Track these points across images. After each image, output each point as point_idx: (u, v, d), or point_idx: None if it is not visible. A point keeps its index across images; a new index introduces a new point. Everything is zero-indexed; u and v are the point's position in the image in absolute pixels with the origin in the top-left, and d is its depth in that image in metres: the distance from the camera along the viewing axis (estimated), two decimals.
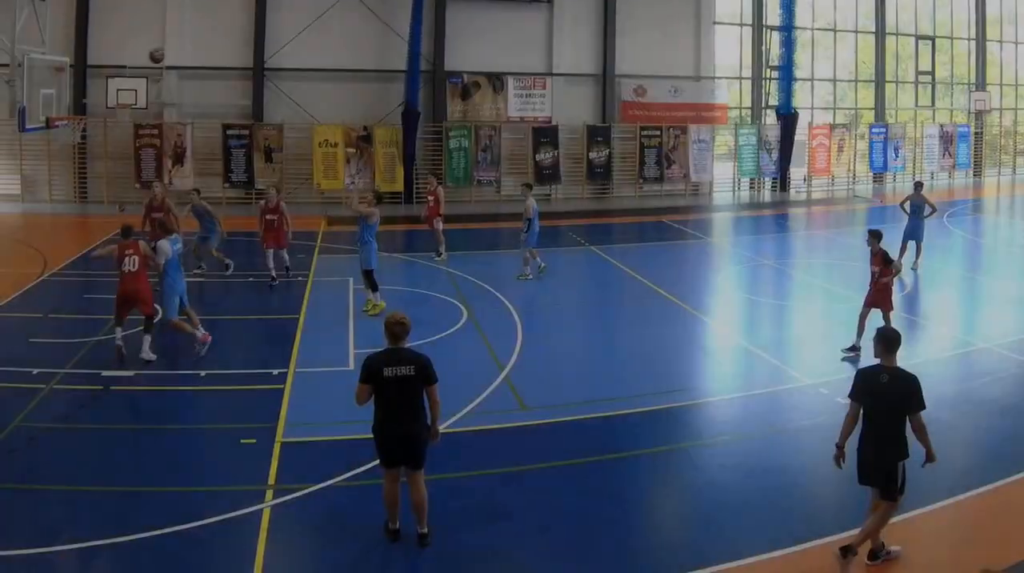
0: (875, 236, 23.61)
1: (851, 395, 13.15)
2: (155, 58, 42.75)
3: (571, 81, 55.54)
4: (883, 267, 23.12)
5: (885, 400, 12.64)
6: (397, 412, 13.16)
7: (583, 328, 27.43)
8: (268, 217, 30.70)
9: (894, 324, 25.17)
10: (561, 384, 21.27)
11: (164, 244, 22.98)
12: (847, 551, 12.58)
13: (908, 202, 34.40)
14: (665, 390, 20.57)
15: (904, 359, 13.33)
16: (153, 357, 22.16)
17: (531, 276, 32.23)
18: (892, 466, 12.66)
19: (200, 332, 23.12)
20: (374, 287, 26.97)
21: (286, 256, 31.39)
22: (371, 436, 13.42)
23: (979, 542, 13.76)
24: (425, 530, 13.53)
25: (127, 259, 22.40)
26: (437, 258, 35.75)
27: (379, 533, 13.73)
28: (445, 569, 13.18)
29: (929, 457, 12.77)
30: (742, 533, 13.91)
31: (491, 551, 13.58)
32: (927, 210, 33.92)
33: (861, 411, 12.90)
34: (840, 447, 13.19)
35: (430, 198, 36.86)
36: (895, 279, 23.62)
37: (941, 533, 14.06)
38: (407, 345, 13.44)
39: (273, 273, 30.52)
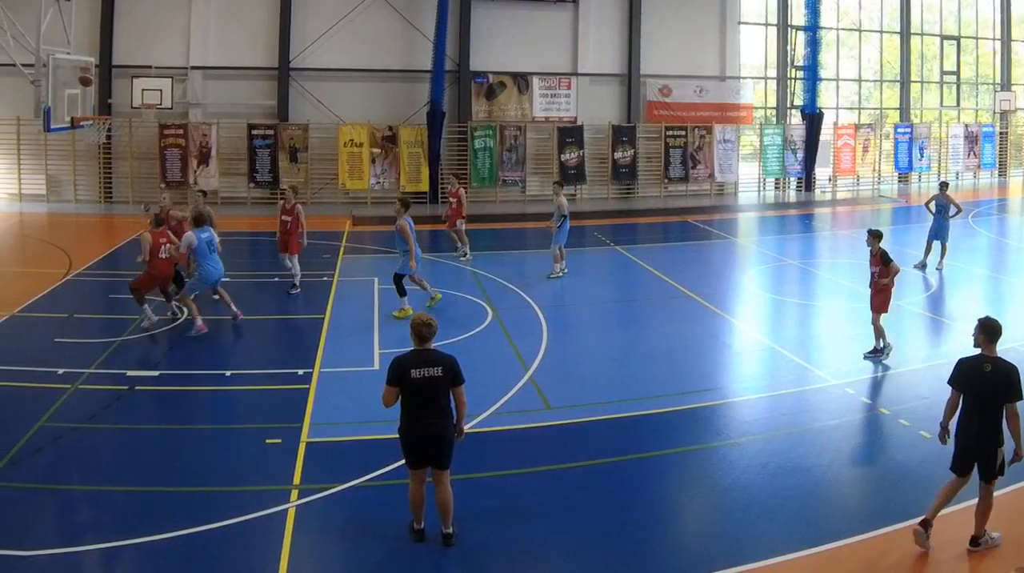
0: (875, 236, 23.07)
1: (952, 383, 13.52)
2: (84, 80, 42.04)
3: (596, 81, 55.03)
4: (882, 267, 22.64)
5: (988, 389, 12.97)
6: (425, 413, 13.08)
7: (608, 328, 27.15)
8: (283, 218, 29.58)
9: (914, 322, 25.34)
10: (586, 384, 21.05)
11: (189, 234, 24.20)
12: (975, 541, 13.32)
13: (933, 202, 34.23)
14: (690, 390, 20.51)
15: (931, 358, 13.30)
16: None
17: (561, 275, 32.01)
18: (992, 452, 12.97)
19: (199, 321, 24.27)
20: (401, 292, 26.45)
21: (294, 263, 29.59)
22: (396, 436, 13.35)
23: (1015, 539, 13.63)
24: (450, 530, 13.47)
25: (163, 247, 24.72)
26: (462, 258, 35.43)
27: (404, 533, 13.68)
28: (469, 569, 13.20)
29: (1018, 454, 12.94)
30: (768, 533, 13.90)
31: (515, 551, 13.53)
32: (952, 210, 33.72)
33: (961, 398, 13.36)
34: (944, 426, 13.68)
35: (452, 200, 36.56)
36: (895, 279, 22.95)
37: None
38: (433, 346, 13.37)
39: (295, 279, 29.72)
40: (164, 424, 18.69)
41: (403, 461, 13.53)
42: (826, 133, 59.43)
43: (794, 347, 24.14)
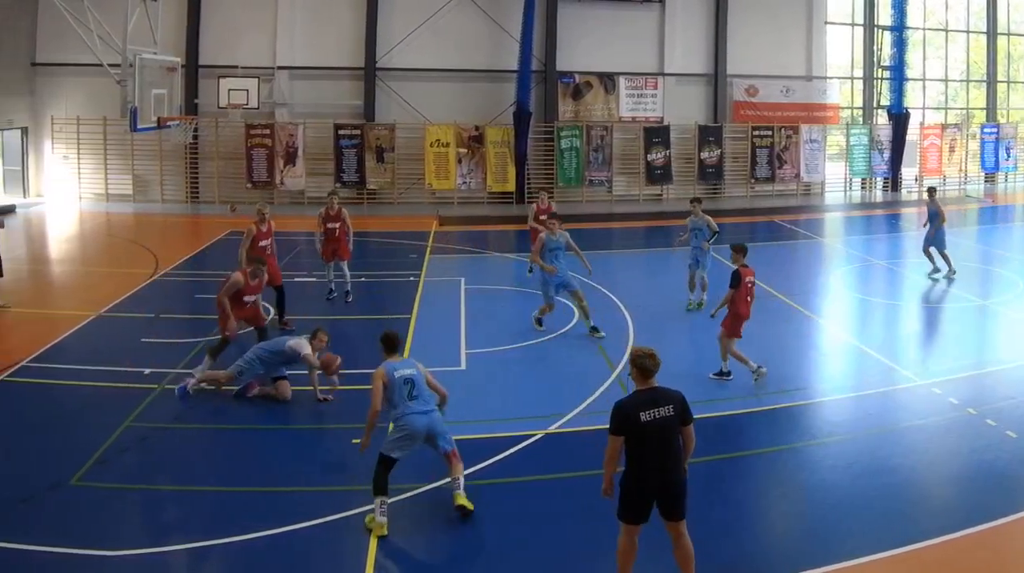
0: (737, 250, 20.72)
1: None
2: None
3: (683, 81, 52.84)
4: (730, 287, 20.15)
5: None
6: (659, 460, 11.31)
7: (695, 327, 25.75)
8: (329, 225, 27.27)
9: (1001, 321, 24.97)
10: (673, 383, 19.14)
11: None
12: None
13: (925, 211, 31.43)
14: (776, 390, 19.99)
15: (1019, 358, 13.21)
16: None
17: (699, 306, 27.11)
18: None
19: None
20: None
21: (347, 272, 27.78)
22: (481, 436, 14.57)
23: None
24: None
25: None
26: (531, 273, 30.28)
27: (489, 530, 13.59)
28: (550, 567, 12.85)
29: None
30: (854, 533, 13.54)
31: (598, 550, 12.88)
32: (936, 219, 31.07)
33: None
34: None
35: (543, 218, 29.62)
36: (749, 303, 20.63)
37: None
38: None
39: (332, 284, 27.83)
40: (250, 424, 18.23)
41: (621, 511, 11.75)
42: (912, 133, 56.94)
43: (881, 347, 23.35)
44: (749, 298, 20.30)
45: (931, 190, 32.46)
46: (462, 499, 13.83)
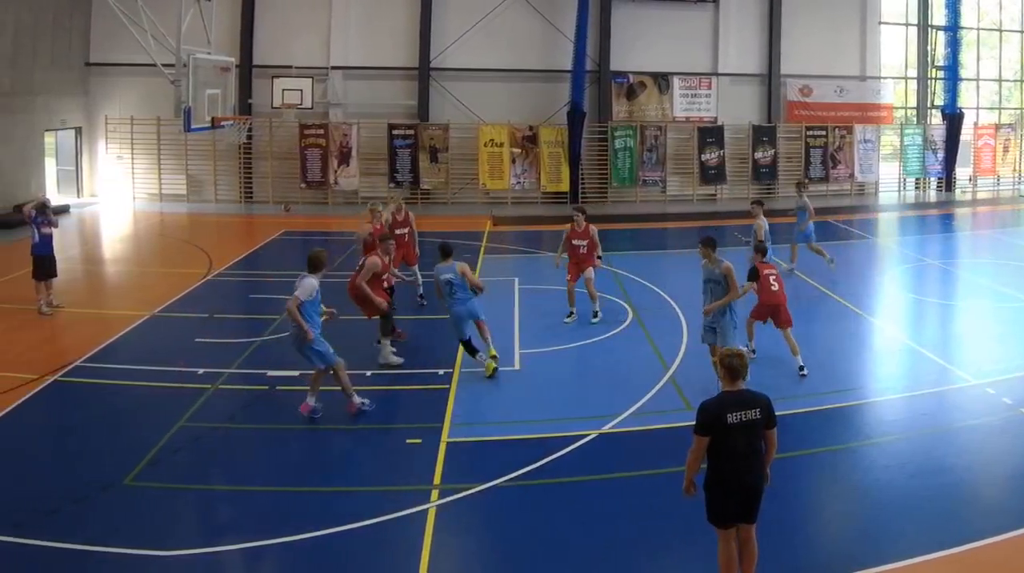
0: (757, 250, 21.69)
1: None
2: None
3: (736, 81, 51.38)
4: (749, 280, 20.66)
5: None
6: (743, 463, 11.03)
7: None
8: (398, 231, 25.75)
9: None
10: None
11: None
12: None
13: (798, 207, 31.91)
14: (830, 390, 19.75)
15: None
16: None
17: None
18: None
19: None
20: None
21: (418, 274, 26.93)
22: (535, 436, 14.90)
23: None
24: None
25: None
26: (595, 320, 25.13)
27: (541, 533, 13.47)
28: (603, 567, 12.68)
29: None
30: (908, 533, 13.43)
31: (652, 549, 13.19)
32: (807, 215, 31.77)
33: None
34: None
35: (583, 242, 25.31)
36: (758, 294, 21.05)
37: None
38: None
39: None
40: (304, 424, 17.82)
41: (711, 516, 11.63)
42: (966, 133, 55.26)
43: (935, 347, 23.07)
44: (773, 288, 20.75)
45: (799, 184, 33.25)
46: (491, 361, 20.23)
